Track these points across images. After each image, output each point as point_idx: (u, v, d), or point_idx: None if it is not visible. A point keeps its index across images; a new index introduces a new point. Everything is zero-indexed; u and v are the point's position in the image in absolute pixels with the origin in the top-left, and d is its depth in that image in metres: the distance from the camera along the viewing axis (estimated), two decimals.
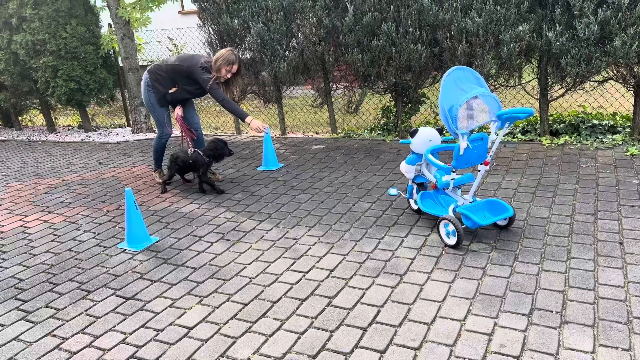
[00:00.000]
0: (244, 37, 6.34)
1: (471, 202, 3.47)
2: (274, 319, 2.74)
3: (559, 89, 5.47)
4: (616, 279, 2.80)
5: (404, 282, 2.97)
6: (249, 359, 2.44)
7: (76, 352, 2.61)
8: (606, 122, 5.51)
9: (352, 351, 2.43)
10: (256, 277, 3.20)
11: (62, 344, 2.70)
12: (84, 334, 2.77)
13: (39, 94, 8.43)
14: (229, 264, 3.41)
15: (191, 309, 2.91)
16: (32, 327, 2.87)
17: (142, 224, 3.83)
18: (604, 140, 5.25)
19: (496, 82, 5.63)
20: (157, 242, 3.85)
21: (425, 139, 3.62)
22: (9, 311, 3.06)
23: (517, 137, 5.74)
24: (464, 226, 3.33)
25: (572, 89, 5.36)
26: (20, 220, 4.59)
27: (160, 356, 2.52)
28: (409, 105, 6.39)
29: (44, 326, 2.87)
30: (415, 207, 3.88)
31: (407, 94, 6.25)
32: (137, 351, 2.58)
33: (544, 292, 2.75)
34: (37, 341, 2.74)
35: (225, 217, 4.22)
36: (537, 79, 5.62)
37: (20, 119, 9.70)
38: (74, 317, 2.93)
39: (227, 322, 2.75)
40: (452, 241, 3.30)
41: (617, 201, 3.82)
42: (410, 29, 5.49)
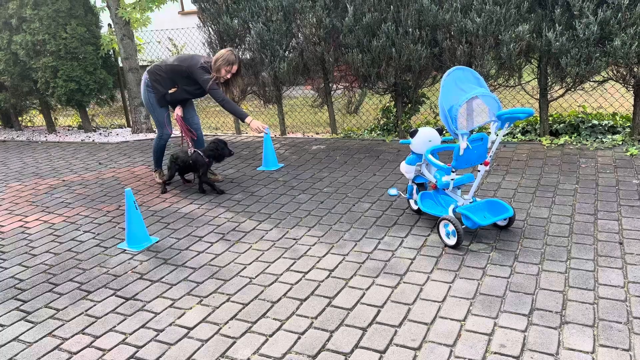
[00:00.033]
0: (243, 38, 6.35)
1: (471, 203, 3.47)
2: (274, 319, 2.74)
3: (559, 89, 5.47)
4: (616, 279, 2.80)
5: (404, 283, 2.97)
6: (249, 359, 2.45)
7: (76, 353, 2.61)
8: (606, 122, 5.51)
9: (352, 351, 2.43)
10: (256, 277, 3.20)
11: (62, 344, 2.70)
12: (84, 334, 2.77)
13: (39, 95, 8.44)
14: (229, 264, 3.41)
15: (191, 309, 2.92)
16: (32, 328, 2.87)
17: (142, 225, 3.83)
18: (604, 140, 5.25)
19: (496, 82, 5.63)
20: (157, 242, 3.86)
21: (425, 139, 3.62)
22: (9, 311, 3.06)
23: (517, 138, 5.74)
24: (463, 226, 3.33)
25: (572, 89, 5.36)
26: (20, 220, 4.59)
27: (160, 356, 2.52)
28: (409, 105, 6.39)
29: (44, 326, 2.87)
30: (415, 207, 3.88)
31: (407, 94, 6.25)
32: (137, 351, 2.58)
33: (543, 292, 2.75)
34: (37, 341, 2.74)
35: (225, 218, 4.22)
36: (537, 79, 5.62)
37: (20, 119, 9.70)
38: (74, 318, 2.93)
39: (227, 322, 2.75)
40: (452, 241, 3.30)
41: (617, 201, 3.82)
42: (410, 29, 5.49)
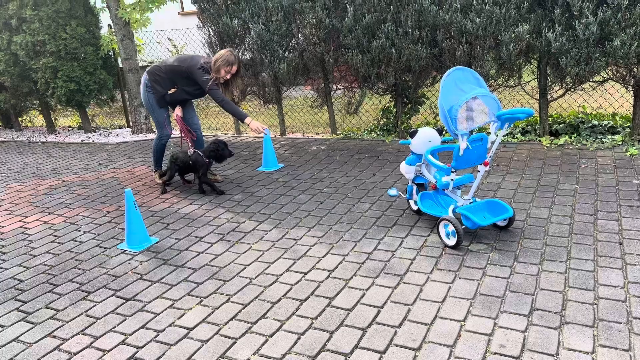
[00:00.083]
0: (243, 38, 6.35)
1: (471, 203, 3.47)
2: (273, 319, 2.74)
3: (559, 90, 5.47)
4: (616, 280, 2.80)
5: (404, 283, 2.97)
6: None
7: (76, 353, 2.61)
8: (606, 122, 5.51)
9: (352, 352, 2.43)
10: (256, 277, 3.20)
11: (62, 344, 2.70)
12: (84, 334, 2.77)
13: (39, 95, 8.44)
14: (228, 264, 3.41)
15: (191, 309, 2.92)
16: (32, 328, 2.87)
17: (142, 225, 3.83)
18: (604, 140, 5.26)
19: (496, 83, 5.63)
20: (157, 242, 3.86)
21: (425, 139, 3.62)
22: (9, 312, 3.06)
23: (516, 138, 5.74)
24: (463, 227, 3.33)
25: (572, 90, 5.36)
26: (20, 221, 4.59)
27: (160, 357, 2.52)
28: (409, 105, 6.39)
29: (44, 327, 2.87)
30: (415, 207, 3.88)
31: (406, 94, 6.25)
32: (137, 352, 2.58)
33: (543, 292, 2.75)
34: (37, 342, 2.74)
35: (225, 218, 4.22)
36: (536, 80, 5.62)
37: (20, 119, 9.70)
38: (74, 318, 2.93)
39: (227, 322, 2.75)
40: (452, 242, 3.30)
41: (617, 201, 3.82)
42: (409, 30, 5.49)
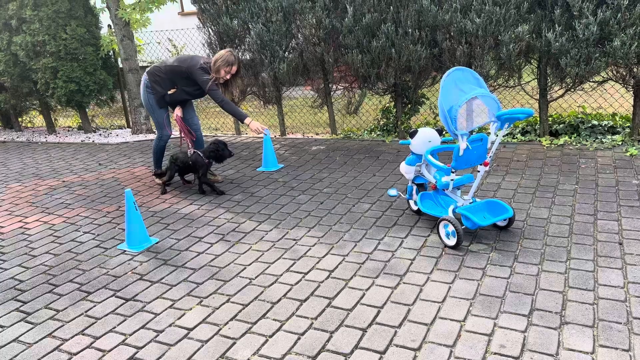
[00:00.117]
0: (243, 38, 6.35)
1: (471, 203, 3.47)
2: (273, 319, 2.74)
3: (559, 90, 5.47)
4: (616, 280, 2.80)
5: (404, 283, 2.97)
6: None
7: (76, 354, 2.61)
8: (606, 122, 5.51)
9: (352, 352, 2.43)
10: (256, 278, 3.20)
11: (62, 345, 2.70)
12: (83, 335, 2.77)
13: (39, 95, 8.44)
14: (228, 265, 3.41)
15: (191, 310, 2.92)
16: (32, 329, 2.87)
17: (142, 225, 3.83)
18: (604, 140, 5.26)
19: (496, 83, 5.63)
20: (157, 243, 3.86)
21: (424, 139, 3.62)
22: (9, 312, 3.06)
23: (516, 138, 5.74)
24: (463, 227, 3.33)
25: (572, 90, 5.36)
26: (20, 221, 4.59)
27: (160, 357, 2.52)
28: (409, 106, 6.39)
29: (44, 327, 2.87)
30: (415, 207, 3.88)
31: (406, 94, 6.25)
32: (136, 352, 2.58)
33: (543, 292, 2.75)
34: (37, 342, 2.74)
35: (225, 218, 4.22)
36: (536, 80, 5.62)
37: (20, 120, 9.70)
38: (74, 318, 2.93)
39: (227, 323, 2.75)
40: (452, 242, 3.30)
41: (617, 202, 3.82)
42: (409, 30, 5.49)
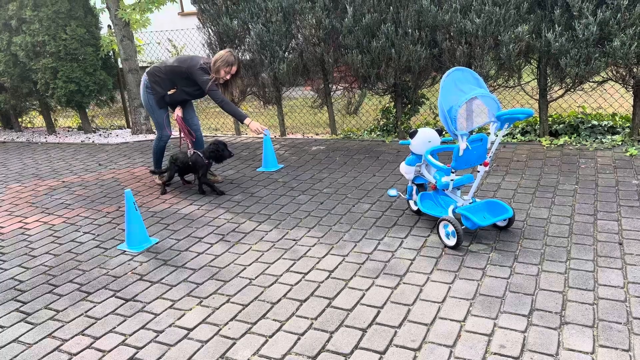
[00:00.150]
0: (243, 39, 6.35)
1: (471, 203, 3.47)
2: (273, 320, 2.74)
3: (559, 90, 5.47)
4: (616, 280, 2.80)
5: (404, 283, 2.97)
6: None
7: (76, 354, 2.61)
8: (605, 122, 5.51)
9: (352, 352, 2.43)
10: (256, 278, 3.20)
11: (61, 345, 2.70)
12: (83, 335, 2.77)
13: (39, 96, 8.44)
14: (228, 265, 3.41)
15: (191, 310, 2.92)
16: (32, 329, 2.87)
17: (141, 226, 3.83)
18: (604, 140, 5.26)
19: (495, 83, 5.63)
20: (156, 243, 3.86)
21: (424, 139, 3.62)
22: (9, 313, 3.06)
23: (516, 138, 5.74)
24: (463, 227, 3.33)
25: (572, 90, 5.36)
26: (20, 221, 4.59)
27: (160, 357, 2.52)
28: (409, 106, 6.39)
29: (44, 328, 2.87)
30: (414, 208, 3.88)
31: (406, 94, 6.25)
32: (136, 352, 2.58)
33: (543, 292, 2.75)
34: (36, 343, 2.74)
35: (225, 219, 4.22)
36: (536, 80, 5.62)
37: (20, 120, 9.70)
38: (74, 319, 2.93)
39: (227, 323, 2.75)
40: (452, 242, 3.30)
41: (617, 202, 3.82)
42: (409, 30, 5.49)
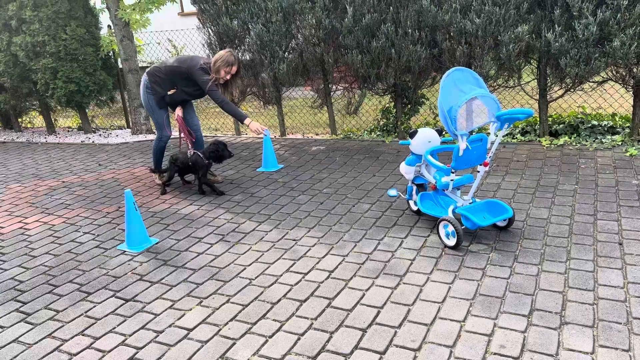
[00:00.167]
0: (243, 39, 6.35)
1: (470, 203, 3.47)
2: (273, 320, 2.74)
3: (558, 90, 5.48)
4: (616, 280, 2.80)
5: (404, 283, 2.97)
6: None
7: (76, 354, 2.61)
8: (605, 122, 5.51)
9: (352, 352, 2.43)
10: (256, 278, 3.20)
11: (61, 345, 2.70)
12: (83, 335, 2.77)
13: (39, 96, 8.44)
14: (228, 265, 3.41)
15: (191, 310, 2.92)
16: (31, 329, 2.87)
17: (141, 226, 3.83)
18: (604, 140, 5.26)
19: (495, 83, 5.63)
20: (156, 243, 3.86)
21: (424, 140, 3.62)
22: (9, 313, 3.06)
23: (516, 138, 5.74)
24: (463, 227, 3.33)
25: (572, 90, 5.37)
26: (19, 222, 4.59)
27: (160, 358, 2.52)
28: (409, 106, 6.39)
29: (44, 328, 2.87)
30: (414, 208, 3.88)
31: (406, 95, 6.25)
32: (136, 353, 2.58)
33: (543, 292, 2.75)
34: (36, 343, 2.74)
35: (225, 219, 4.22)
36: (536, 80, 5.62)
37: (20, 120, 9.70)
38: (74, 319, 2.93)
39: (227, 323, 2.75)
40: (452, 242, 3.30)
41: (617, 202, 3.82)
42: (409, 30, 5.49)
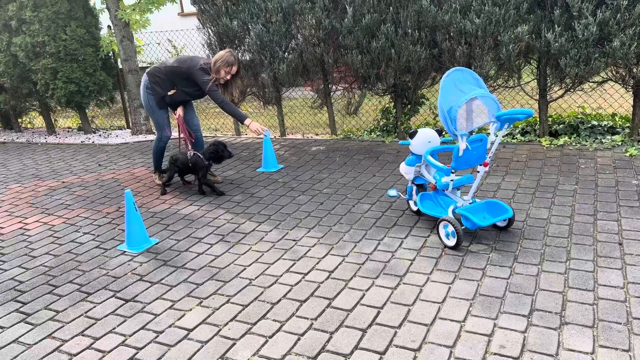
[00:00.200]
0: (243, 39, 6.35)
1: (470, 203, 3.47)
2: (273, 320, 2.74)
3: (558, 90, 5.48)
4: (616, 280, 2.80)
5: (404, 284, 2.97)
6: None
7: (76, 354, 2.61)
8: (605, 122, 5.51)
9: (352, 352, 2.43)
10: (256, 278, 3.20)
11: (61, 346, 2.70)
12: (83, 335, 2.77)
13: (39, 96, 8.44)
14: (228, 265, 3.41)
15: (191, 310, 2.92)
16: (31, 329, 2.87)
17: (141, 226, 3.83)
18: (603, 141, 5.26)
19: (495, 83, 5.63)
20: (156, 243, 3.86)
21: (424, 140, 3.62)
22: (9, 313, 3.06)
23: (516, 138, 5.74)
24: (463, 227, 3.33)
25: (571, 90, 5.37)
26: (19, 222, 4.59)
27: (159, 358, 2.52)
28: (409, 106, 6.39)
29: (44, 328, 2.87)
30: (414, 208, 3.88)
31: (406, 95, 6.25)
32: (136, 353, 2.58)
33: (543, 293, 2.75)
34: (36, 343, 2.74)
35: (225, 219, 4.22)
36: (536, 80, 5.62)
37: (20, 121, 9.70)
38: (74, 319, 2.93)
39: (227, 323, 2.75)
40: (452, 242, 3.30)
41: (617, 202, 3.82)
42: (409, 30, 5.49)
